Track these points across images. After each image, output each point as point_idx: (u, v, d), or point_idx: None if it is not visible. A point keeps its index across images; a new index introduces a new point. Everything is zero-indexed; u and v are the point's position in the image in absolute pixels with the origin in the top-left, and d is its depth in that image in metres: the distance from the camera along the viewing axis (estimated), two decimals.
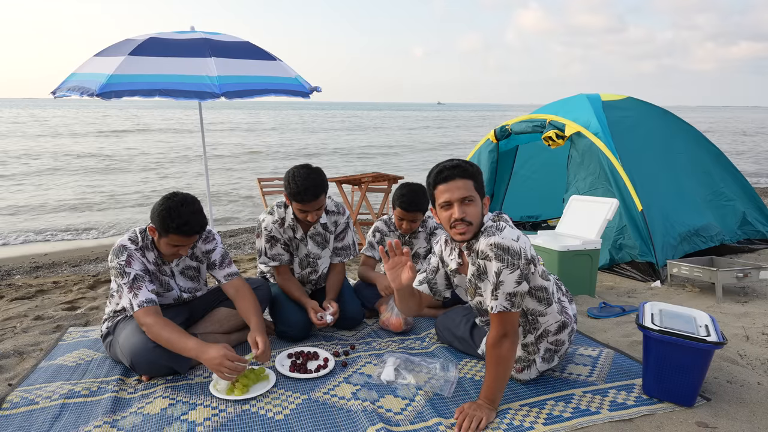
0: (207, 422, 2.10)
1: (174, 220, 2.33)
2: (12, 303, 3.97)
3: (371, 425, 2.04)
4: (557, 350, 2.37)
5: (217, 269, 2.70)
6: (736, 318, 3.30)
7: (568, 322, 2.34)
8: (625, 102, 5.13)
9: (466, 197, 2.10)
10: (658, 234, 4.21)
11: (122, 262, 2.43)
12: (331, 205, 3.11)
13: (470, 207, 2.11)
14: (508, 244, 2.05)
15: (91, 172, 14.76)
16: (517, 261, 2.05)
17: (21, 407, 2.23)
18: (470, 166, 2.15)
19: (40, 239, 7.90)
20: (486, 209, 2.20)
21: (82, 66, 4.18)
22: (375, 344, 2.90)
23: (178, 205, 2.36)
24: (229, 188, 12.58)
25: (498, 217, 2.21)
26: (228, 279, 2.69)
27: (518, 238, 2.09)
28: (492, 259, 2.06)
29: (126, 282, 2.40)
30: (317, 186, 2.73)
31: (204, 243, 2.69)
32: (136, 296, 2.38)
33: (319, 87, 4.52)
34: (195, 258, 2.70)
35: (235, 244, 6.81)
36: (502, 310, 2.08)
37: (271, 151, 22.09)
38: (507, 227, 2.12)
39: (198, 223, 2.39)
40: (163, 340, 2.33)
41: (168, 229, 2.36)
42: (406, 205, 3.14)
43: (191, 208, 2.38)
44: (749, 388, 2.33)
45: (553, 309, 2.28)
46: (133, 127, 34.74)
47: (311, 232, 3.04)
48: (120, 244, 2.48)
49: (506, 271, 2.05)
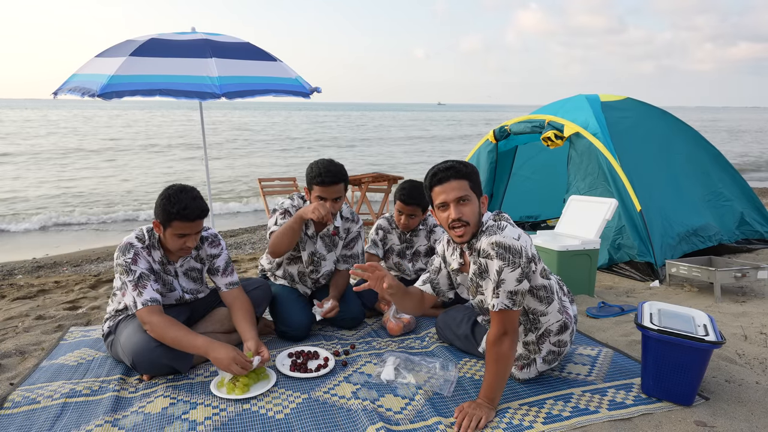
0: (208, 421, 2.11)
1: (174, 205, 2.37)
2: (14, 302, 3.98)
3: (371, 424, 2.05)
4: (560, 352, 2.38)
5: (219, 276, 2.71)
6: (735, 317, 3.31)
7: (568, 322, 2.35)
8: (624, 102, 5.14)
9: (461, 197, 2.12)
10: (656, 234, 4.22)
11: (128, 259, 2.44)
12: (347, 211, 3.15)
13: (466, 207, 2.13)
14: (510, 242, 2.07)
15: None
16: (518, 259, 2.07)
17: (23, 406, 2.24)
18: (464, 167, 2.17)
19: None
20: (484, 208, 2.22)
21: (84, 67, 4.19)
22: (375, 344, 2.91)
23: (177, 192, 2.40)
24: (229, 188, 12.60)
25: (498, 216, 2.23)
26: (228, 288, 2.72)
27: (519, 237, 2.11)
28: (493, 257, 2.08)
29: (131, 279, 2.41)
30: (339, 172, 2.82)
31: (210, 246, 2.71)
32: (141, 294, 2.40)
33: (319, 87, 4.53)
34: (200, 260, 2.72)
35: (235, 244, 6.82)
36: (503, 308, 2.09)
37: (271, 150, 22.11)
38: (508, 226, 2.13)
39: (198, 207, 2.42)
40: (169, 338, 2.34)
41: (170, 216, 2.38)
42: (405, 198, 3.19)
43: (190, 195, 2.42)
44: (747, 387, 2.34)
45: (554, 308, 2.29)
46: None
47: (323, 232, 3.06)
48: (127, 242, 2.49)
49: (507, 270, 2.07)
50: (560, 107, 5.19)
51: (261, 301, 2.93)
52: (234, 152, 20.87)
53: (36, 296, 4.21)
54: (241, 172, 15.22)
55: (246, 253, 6.15)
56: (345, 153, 22.03)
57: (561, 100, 5.46)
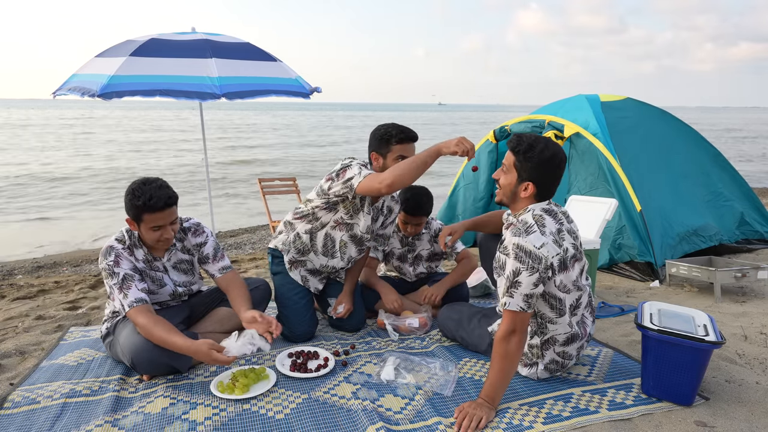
0: (208, 421, 2.11)
1: (139, 198, 2.34)
2: (14, 303, 3.98)
3: (371, 424, 2.05)
4: (564, 364, 2.39)
5: (210, 263, 2.70)
6: (735, 318, 3.31)
7: (578, 335, 2.34)
8: (624, 103, 5.14)
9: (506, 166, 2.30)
10: (656, 234, 4.22)
11: (110, 262, 2.43)
12: (395, 195, 3.12)
13: (503, 177, 2.30)
14: (530, 248, 2.09)
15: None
16: (537, 264, 2.09)
17: (22, 406, 2.24)
18: (529, 152, 2.25)
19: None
20: (524, 193, 2.26)
21: (84, 67, 4.19)
22: (375, 344, 2.91)
23: (140, 185, 2.38)
24: (229, 187, 12.59)
25: (544, 211, 2.25)
26: (222, 272, 2.71)
27: (542, 246, 2.12)
28: (512, 257, 2.11)
29: (116, 282, 2.40)
30: (411, 131, 2.80)
31: (194, 236, 2.69)
32: (126, 296, 2.39)
33: (319, 87, 4.54)
34: (186, 251, 2.70)
35: (235, 244, 6.82)
36: (518, 310, 2.10)
37: (271, 149, 22.11)
38: (536, 233, 2.14)
39: (165, 195, 2.38)
40: (156, 338, 2.34)
41: (138, 210, 2.36)
42: (412, 210, 3.15)
43: (154, 185, 2.39)
44: (747, 388, 2.34)
45: (565, 320, 2.29)
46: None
47: (377, 204, 2.98)
48: (107, 245, 2.48)
49: (525, 273, 2.09)
50: (560, 107, 5.19)
51: (261, 301, 2.92)
52: (234, 152, 20.88)
53: (36, 296, 4.21)
54: (241, 172, 15.22)
55: (246, 253, 6.15)
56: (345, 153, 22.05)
57: (561, 100, 5.45)
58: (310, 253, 2.98)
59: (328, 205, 2.84)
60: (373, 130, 2.83)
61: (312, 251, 2.97)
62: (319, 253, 2.98)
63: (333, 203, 2.83)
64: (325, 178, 2.79)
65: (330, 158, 19.16)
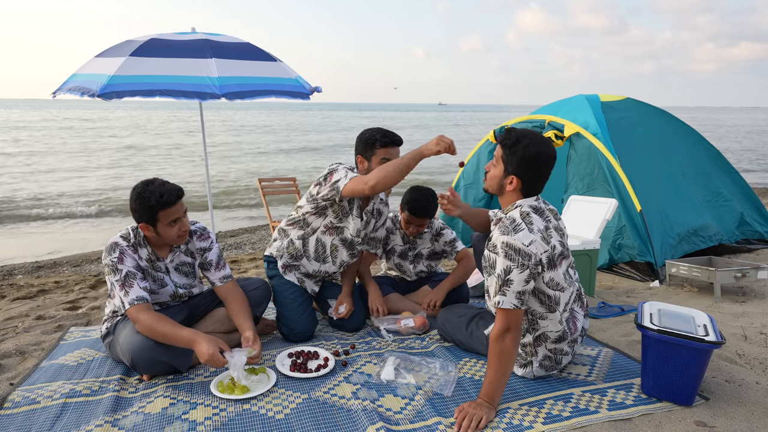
0: (208, 421, 2.11)
1: (150, 199, 2.36)
2: (14, 303, 3.98)
3: (371, 424, 2.05)
4: (558, 360, 2.39)
5: (212, 270, 2.71)
6: (735, 318, 3.31)
7: (568, 334, 2.35)
8: (623, 103, 5.14)
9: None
10: (656, 234, 4.22)
11: (114, 258, 2.44)
12: (384, 198, 3.15)
13: (491, 169, 2.33)
14: (519, 246, 2.10)
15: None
16: (527, 261, 2.09)
17: (22, 406, 2.24)
18: (518, 145, 2.25)
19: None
20: (509, 187, 2.26)
21: (83, 67, 4.19)
22: (375, 344, 2.91)
23: (145, 187, 2.40)
24: (229, 188, 12.59)
25: (531, 208, 2.25)
26: (223, 282, 2.72)
27: (531, 243, 2.12)
28: (501, 255, 2.11)
29: (118, 279, 2.41)
30: (395, 135, 2.86)
31: (199, 240, 2.71)
32: (128, 294, 2.39)
33: (319, 87, 4.53)
34: (189, 254, 2.71)
35: (235, 244, 6.82)
36: (511, 307, 2.11)
37: (271, 150, 22.11)
38: (524, 231, 2.14)
39: (173, 188, 2.42)
40: (158, 334, 2.34)
41: (153, 209, 2.38)
42: (417, 211, 3.14)
43: (158, 182, 2.43)
44: (747, 388, 2.34)
45: (556, 317, 2.29)
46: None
47: (368, 208, 2.98)
48: (112, 242, 2.49)
49: (516, 271, 2.09)
50: (560, 107, 5.19)
51: (261, 301, 2.92)
52: (234, 152, 20.88)
53: (36, 296, 4.21)
54: (241, 171, 15.22)
55: (246, 253, 6.15)
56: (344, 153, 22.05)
57: (561, 100, 5.46)
58: (302, 258, 3.01)
59: (317, 210, 2.88)
60: (359, 134, 2.88)
61: (305, 257, 3.01)
62: (311, 259, 3.01)
63: (322, 208, 2.88)
64: (314, 183, 2.85)
65: (330, 159, 19.18)
